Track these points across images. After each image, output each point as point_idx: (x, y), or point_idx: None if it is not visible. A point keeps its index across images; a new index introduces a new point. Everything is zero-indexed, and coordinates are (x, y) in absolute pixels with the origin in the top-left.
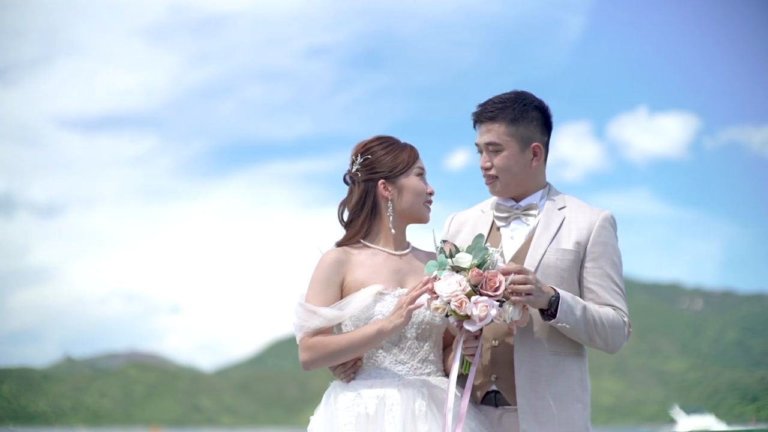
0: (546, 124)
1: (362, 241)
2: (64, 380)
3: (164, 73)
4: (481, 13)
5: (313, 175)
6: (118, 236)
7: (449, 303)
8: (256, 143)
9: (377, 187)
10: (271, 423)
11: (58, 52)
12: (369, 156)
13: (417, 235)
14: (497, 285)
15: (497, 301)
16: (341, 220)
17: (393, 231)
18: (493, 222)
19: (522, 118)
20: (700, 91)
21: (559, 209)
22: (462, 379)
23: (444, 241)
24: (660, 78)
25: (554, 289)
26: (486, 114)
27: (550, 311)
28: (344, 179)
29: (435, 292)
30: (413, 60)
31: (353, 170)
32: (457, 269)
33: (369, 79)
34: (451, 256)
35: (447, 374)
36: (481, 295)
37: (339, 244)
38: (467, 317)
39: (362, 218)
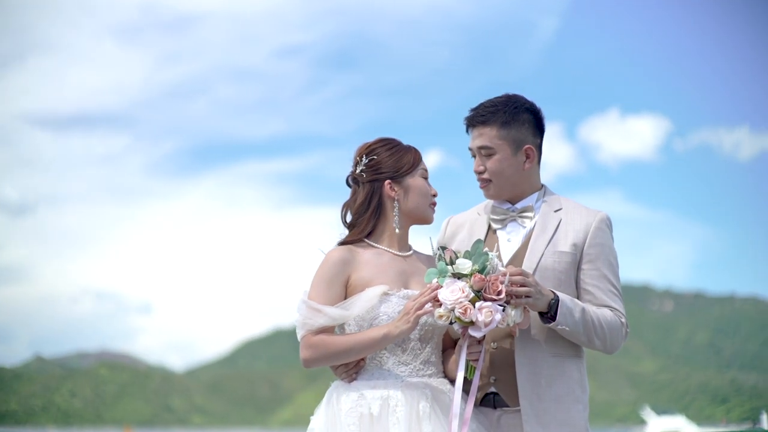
0: (538, 126)
1: (366, 240)
2: (35, 380)
3: (136, 72)
4: (454, 14)
5: (285, 175)
6: (90, 235)
7: (453, 310)
8: (227, 143)
9: (383, 187)
10: (242, 423)
11: (29, 50)
12: (374, 157)
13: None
14: (500, 289)
15: (500, 305)
16: (344, 221)
17: (398, 231)
18: (489, 225)
19: (513, 120)
20: (671, 93)
21: (555, 211)
22: (466, 384)
23: (443, 248)
24: (631, 80)
25: (553, 292)
26: (477, 118)
27: (549, 314)
28: (347, 181)
29: (438, 300)
30: (386, 60)
31: (357, 171)
32: (459, 276)
33: (341, 79)
34: (452, 263)
35: (446, 376)
36: (485, 300)
37: (342, 243)
38: (472, 323)
39: (367, 217)
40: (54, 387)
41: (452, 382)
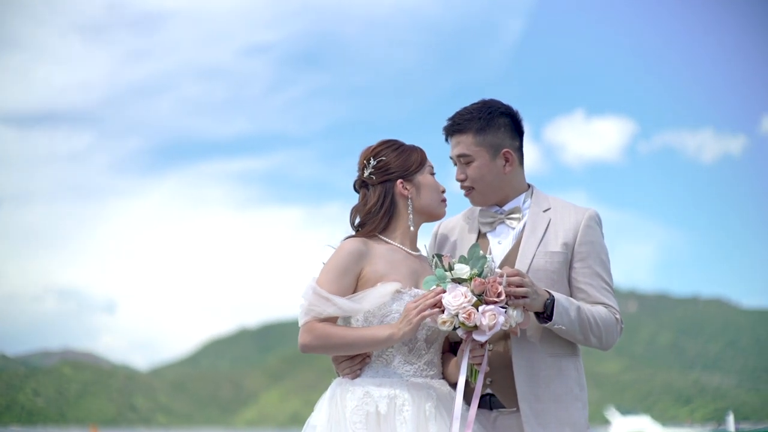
0: (516, 129)
1: (379, 235)
2: None
3: (102, 69)
4: (421, 14)
5: (250, 174)
6: (53, 233)
7: (457, 316)
8: (193, 141)
9: (395, 186)
10: (206, 423)
11: None
12: (383, 158)
13: None
14: (499, 290)
15: (502, 307)
16: (352, 225)
17: (412, 229)
18: (479, 228)
19: (489, 126)
20: (636, 95)
21: (544, 211)
22: (467, 387)
23: (439, 255)
24: (597, 82)
25: (548, 292)
26: (454, 127)
27: (545, 314)
28: (354, 187)
29: (440, 306)
30: (352, 60)
31: (366, 175)
32: (459, 281)
33: (307, 78)
34: (450, 268)
35: (445, 378)
36: (486, 303)
37: (355, 236)
38: (476, 327)
39: (380, 217)
40: (17, 386)
41: (452, 385)
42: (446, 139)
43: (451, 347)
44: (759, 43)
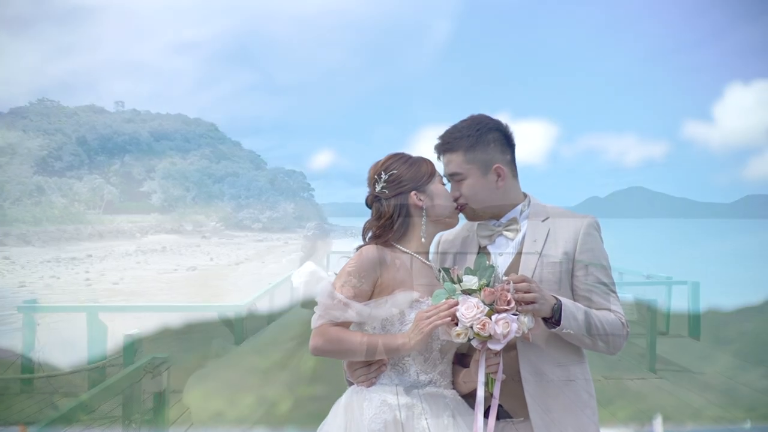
0: (506, 143)
1: (395, 244)
2: None
3: (27, 64)
4: (349, 14)
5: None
6: None
7: (471, 327)
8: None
9: (409, 198)
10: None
11: None
12: (394, 171)
13: None
14: (509, 298)
15: (513, 314)
16: (365, 239)
17: (424, 240)
18: (479, 242)
19: (478, 143)
20: (560, 99)
21: (543, 221)
22: (470, 397)
23: (447, 269)
24: (522, 85)
25: (555, 297)
26: (444, 146)
27: (553, 319)
28: (367, 203)
29: (453, 319)
30: (280, 59)
31: (378, 189)
32: (469, 292)
33: (235, 77)
34: (459, 281)
35: (455, 389)
36: (497, 312)
37: (372, 242)
38: (490, 337)
39: (396, 228)
40: None
41: (463, 396)
42: (438, 158)
43: (458, 359)
44: (681, 48)
